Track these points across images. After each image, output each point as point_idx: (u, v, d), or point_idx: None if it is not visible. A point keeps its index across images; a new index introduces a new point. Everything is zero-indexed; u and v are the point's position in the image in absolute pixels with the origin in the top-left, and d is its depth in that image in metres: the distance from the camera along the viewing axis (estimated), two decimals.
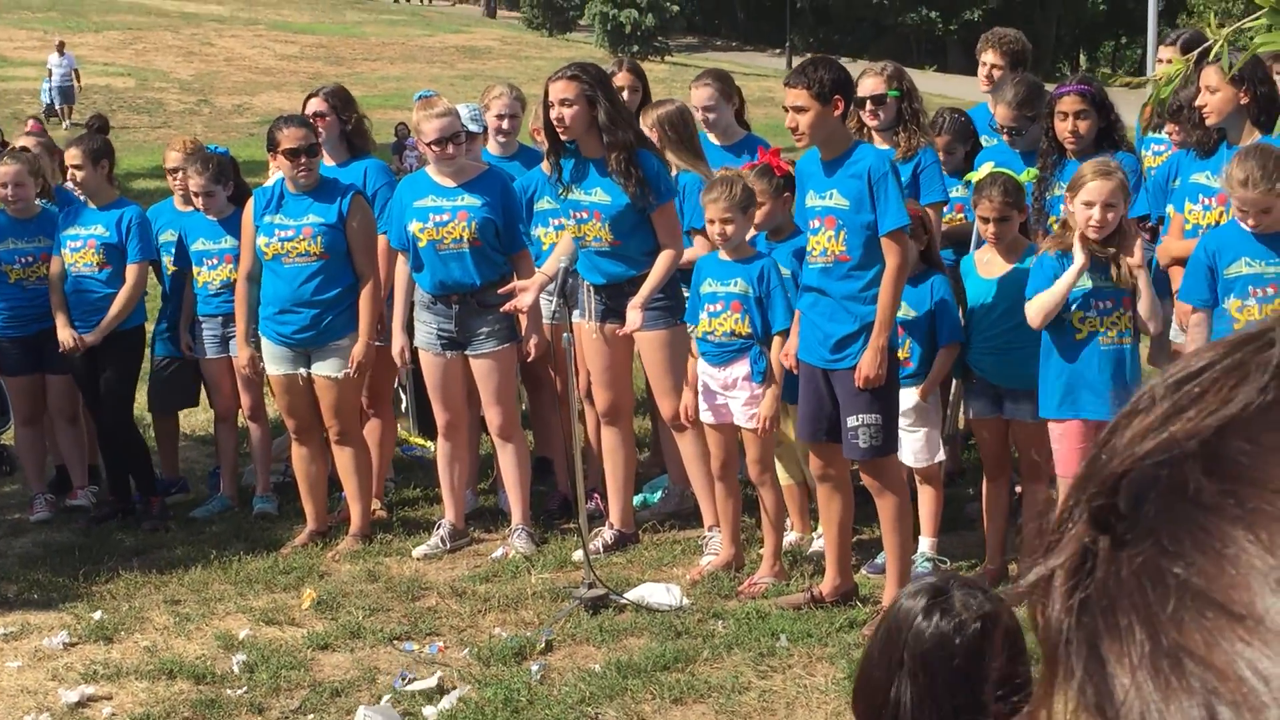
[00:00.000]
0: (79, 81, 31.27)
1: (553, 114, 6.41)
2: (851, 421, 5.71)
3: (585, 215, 6.52)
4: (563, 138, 6.47)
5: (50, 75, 30.68)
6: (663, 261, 6.42)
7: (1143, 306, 5.68)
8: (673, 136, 6.95)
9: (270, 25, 48.24)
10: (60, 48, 31.27)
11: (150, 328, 8.05)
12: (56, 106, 30.07)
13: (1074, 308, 5.74)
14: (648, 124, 6.89)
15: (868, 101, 6.83)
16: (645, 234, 6.50)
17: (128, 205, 7.73)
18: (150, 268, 7.78)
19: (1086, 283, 5.71)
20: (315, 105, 7.50)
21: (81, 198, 7.77)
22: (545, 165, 7.33)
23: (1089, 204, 5.61)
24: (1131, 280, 5.68)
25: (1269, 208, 5.53)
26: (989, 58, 7.47)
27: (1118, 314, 5.71)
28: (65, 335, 7.44)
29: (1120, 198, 5.64)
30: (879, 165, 5.63)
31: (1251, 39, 3.66)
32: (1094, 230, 5.62)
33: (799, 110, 5.60)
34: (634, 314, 6.37)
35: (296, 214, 6.92)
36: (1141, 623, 0.58)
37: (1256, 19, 3.57)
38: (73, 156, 7.63)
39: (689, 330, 6.50)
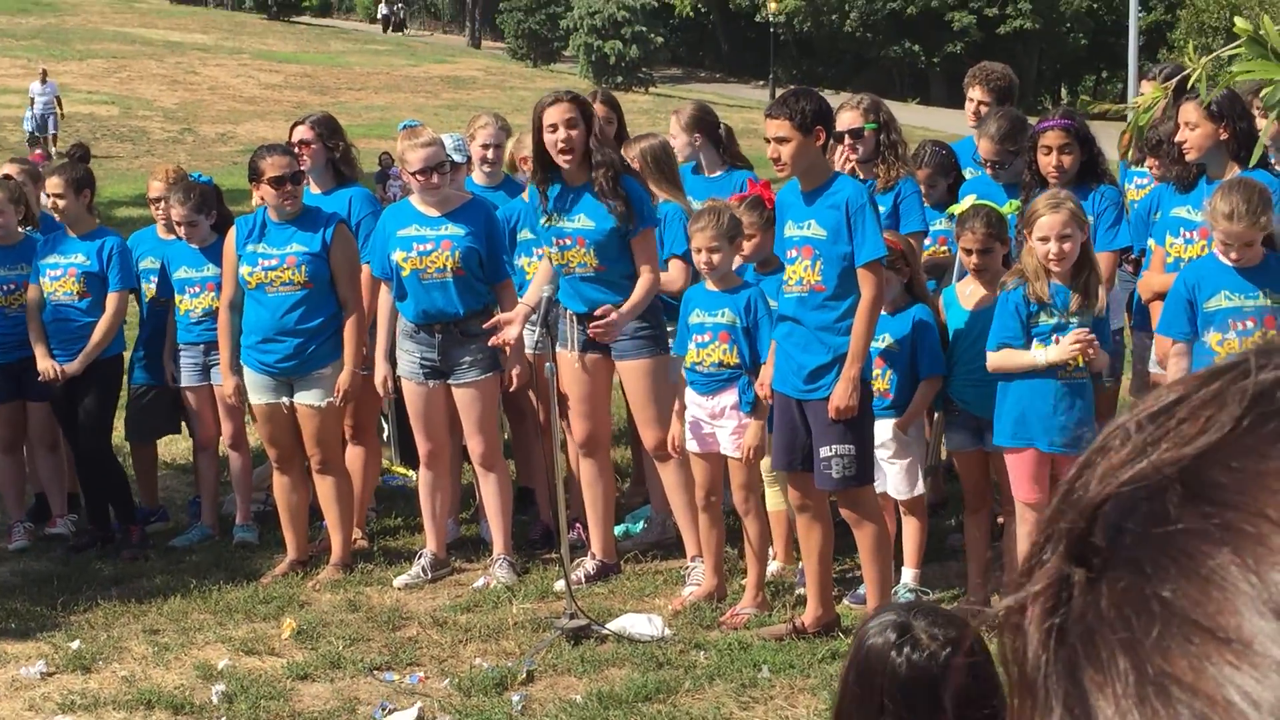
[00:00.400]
0: (61, 110, 30.88)
1: (557, 135, 6.41)
2: (824, 452, 5.72)
3: (569, 241, 6.53)
4: (564, 162, 6.46)
5: (32, 104, 30.30)
6: (643, 284, 6.43)
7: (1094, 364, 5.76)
8: (654, 168, 7.00)
9: (254, 54, 48.31)
10: (43, 76, 30.94)
11: (128, 355, 8.02)
12: (38, 136, 29.83)
13: (1035, 342, 5.78)
14: (630, 156, 6.93)
15: (846, 135, 6.85)
16: (629, 259, 6.52)
17: (108, 234, 7.72)
18: (129, 295, 7.77)
19: (1051, 319, 5.76)
20: (301, 133, 7.50)
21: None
22: (527, 194, 7.35)
23: (1044, 240, 5.68)
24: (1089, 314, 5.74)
25: (1252, 240, 5.57)
26: (975, 93, 7.50)
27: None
28: (45, 365, 7.42)
29: (1074, 227, 5.68)
30: (856, 196, 5.66)
31: (1229, 69, 3.69)
32: (1054, 263, 5.69)
33: (781, 141, 5.64)
34: (614, 316, 6.33)
35: (280, 243, 6.92)
36: (1124, 651, 0.58)
37: (1235, 48, 3.60)
38: (54, 185, 7.61)
39: (675, 360, 6.52)
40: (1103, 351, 5.80)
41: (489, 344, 6.63)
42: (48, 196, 7.69)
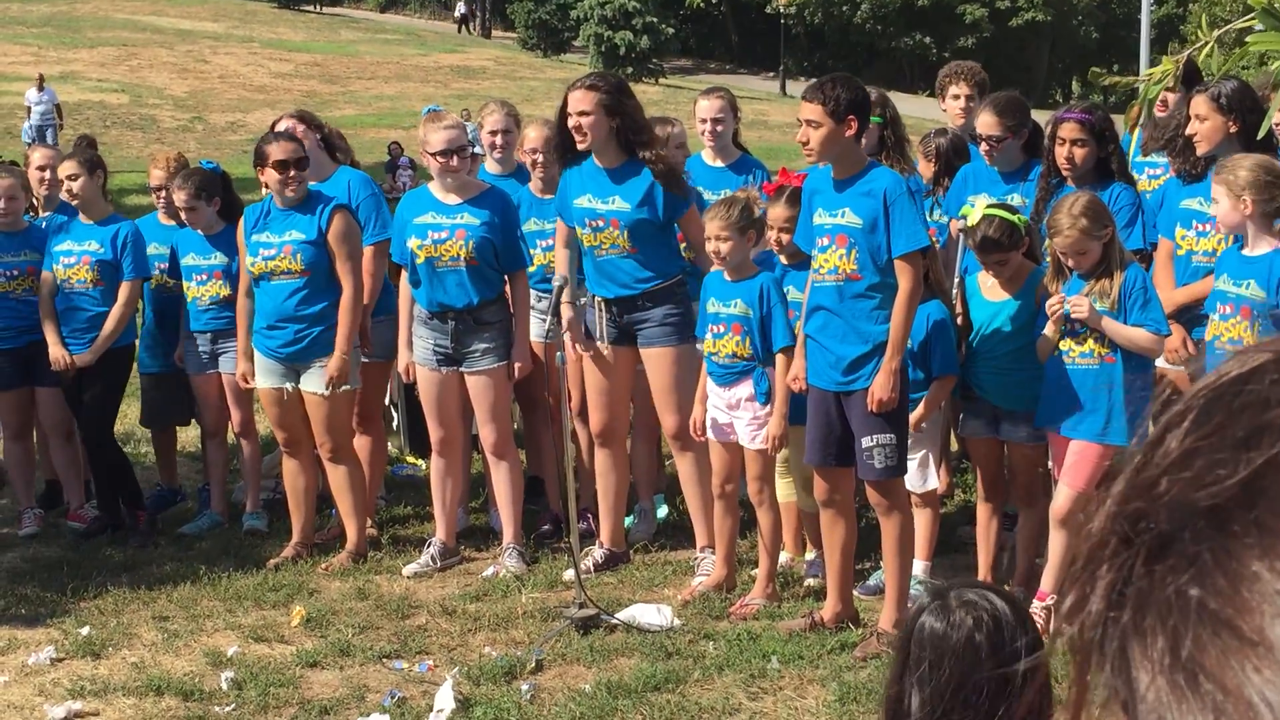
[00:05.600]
0: (61, 120, 28.41)
1: (574, 121, 6.44)
2: (866, 442, 5.68)
3: (601, 223, 6.52)
4: (579, 144, 6.48)
5: (29, 114, 28.10)
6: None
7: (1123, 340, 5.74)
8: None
9: (265, 43, 48.32)
10: (40, 83, 28.61)
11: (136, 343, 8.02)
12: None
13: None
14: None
15: None
16: (661, 244, 6.53)
17: (122, 221, 7.66)
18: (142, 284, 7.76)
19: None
20: (287, 123, 7.53)
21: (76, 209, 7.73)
22: (533, 185, 7.34)
23: (1063, 253, 5.74)
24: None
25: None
26: (960, 89, 7.51)
27: (1084, 335, 5.78)
28: (58, 354, 7.40)
29: (1086, 243, 5.68)
30: (895, 187, 5.60)
31: (1245, 41, 3.67)
32: (1075, 269, 5.75)
33: (811, 124, 5.58)
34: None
35: (280, 231, 6.93)
36: (1164, 632, 0.62)
37: (1249, 19, 3.59)
38: (69, 168, 7.58)
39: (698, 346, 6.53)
40: (1128, 336, 5.73)
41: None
42: (64, 181, 7.64)
